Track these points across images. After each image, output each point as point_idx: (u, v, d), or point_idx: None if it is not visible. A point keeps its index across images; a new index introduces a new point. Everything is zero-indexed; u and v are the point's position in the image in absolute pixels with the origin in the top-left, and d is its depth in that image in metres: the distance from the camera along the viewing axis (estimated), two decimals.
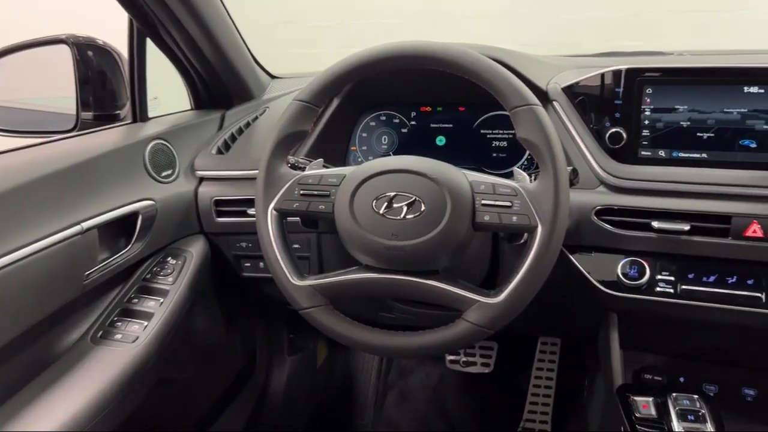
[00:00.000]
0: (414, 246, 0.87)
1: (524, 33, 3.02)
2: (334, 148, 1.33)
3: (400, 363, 1.96)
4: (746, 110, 1.01)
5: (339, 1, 3.42)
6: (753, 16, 2.85)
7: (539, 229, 0.85)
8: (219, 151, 1.30)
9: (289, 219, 0.98)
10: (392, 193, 0.89)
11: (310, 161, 1.04)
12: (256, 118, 1.38)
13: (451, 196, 0.87)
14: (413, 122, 1.33)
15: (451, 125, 1.31)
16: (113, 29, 1.29)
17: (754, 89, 1.00)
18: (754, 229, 0.99)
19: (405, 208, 0.88)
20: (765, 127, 1.00)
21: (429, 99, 1.32)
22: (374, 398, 1.91)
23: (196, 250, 1.25)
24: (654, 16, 2.96)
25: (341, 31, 3.37)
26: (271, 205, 0.95)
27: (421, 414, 1.88)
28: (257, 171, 0.97)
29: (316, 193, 0.94)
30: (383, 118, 1.35)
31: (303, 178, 0.95)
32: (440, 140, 1.31)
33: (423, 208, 0.87)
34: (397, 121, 1.34)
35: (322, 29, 3.43)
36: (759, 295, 1.01)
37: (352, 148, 1.36)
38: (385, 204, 0.89)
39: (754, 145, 1.01)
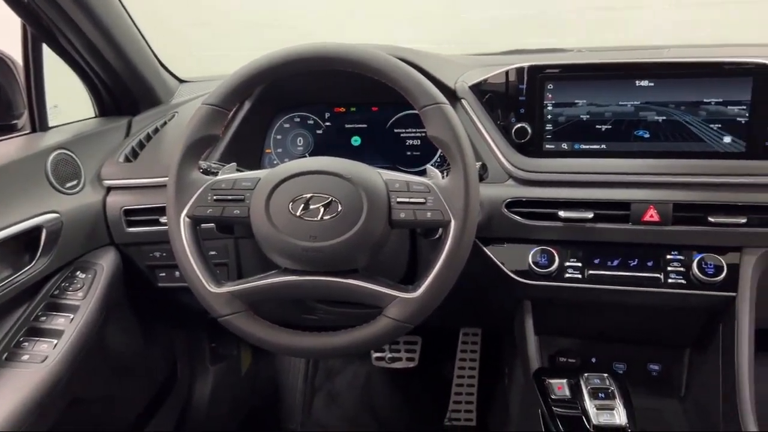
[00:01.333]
0: (332, 246, 0.88)
1: (433, 33, 3.08)
2: (248, 152, 1.31)
3: (327, 364, 1.96)
4: (639, 103, 1.07)
5: (252, 2, 3.36)
6: (643, 15, 3.02)
7: (452, 223, 0.87)
8: (127, 159, 1.26)
9: (204, 225, 0.96)
10: (308, 195, 0.89)
11: (223, 166, 1.02)
12: (165, 123, 1.34)
13: (366, 195, 0.88)
14: (328, 123, 1.33)
15: (365, 125, 1.32)
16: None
17: (644, 83, 1.07)
18: (651, 214, 1.06)
19: (322, 209, 0.88)
20: (656, 118, 1.07)
21: (343, 99, 1.32)
22: (302, 402, 1.90)
23: (106, 262, 1.20)
24: (558, 13, 3.08)
25: (255, 33, 3.32)
26: (184, 212, 0.93)
27: (350, 413, 1.88)
28: (167, 178, 0.94)
29: (230, 197, 0.92)
30: (297, 119, 1.34)
31: (216, 183, 0.93)
32: (355, 140, 1.32)
33: (340, 208, 0.88)
34: (311, 122, 1.34)
35: (236, 31, 3.37)
36: (658, 275, 1.08)
37: (267, 150, 1.35)
38: (302, 206, 0.89)
39: (647, 136, 1.08)
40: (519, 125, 1.11)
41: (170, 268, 1.26)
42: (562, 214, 1.08)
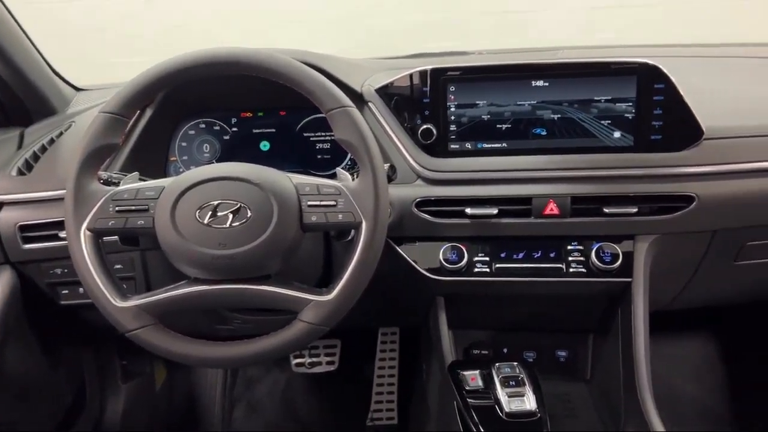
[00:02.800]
0: (243, 253, 0.87)
1: (340, 37, 3.10)
2: (152, 160, 1.27)
3: (246, 374, 1.93)
4: (535, 102, 1.12)
5: (160, 5, 3.26)
6: (542, 18, 3.17)
7: (363, 224, 0.89)
8: (20, 172, 1.19)
9: (107, 238, 0.92)
10: (216, 202, 0.88)
11: (125, 175, 0.99)
12: (61, 134, 1.28)
13: (276, 199, 0.88)
14: (235, 129, 1.31)
15: (273, 130, 1.31)
16: None
17: (540, 83, 1.12)
18: (551, 208, 1.11)
19: (230, 216, 0.87)
20: (552, 116, 1.12)
21: (249, 104, 1.31)
22: (222, 414, 1.86)
23: (1, 282, 1.13)
24: (461, 18, 3.18)
25: (162, 37, 3.22)
26: (84, 225, 0.89)
27: (271, 422, 1.86)
28: (65, 190, 0.90)
29: (133, 208, 0.90)
30: (203, 126, 1.31)
31: (117, 193, 0.90)
32: (264, 145, 1.31)
33: (249, 214, 0.87)
34: (217, 128, 1.31)
35: (139, 36, 3.25)
36: (560, 265, 1.14)
37: (172, 158, 1.31)
38: (210, 213, 0.87)
39: (544, 133, 1.13)
40: (424, 126, 1.14)
41: (73, 284, 1.20)
42: (468, 211, 1.12)
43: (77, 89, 1.49)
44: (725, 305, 1.53)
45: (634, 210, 1.10)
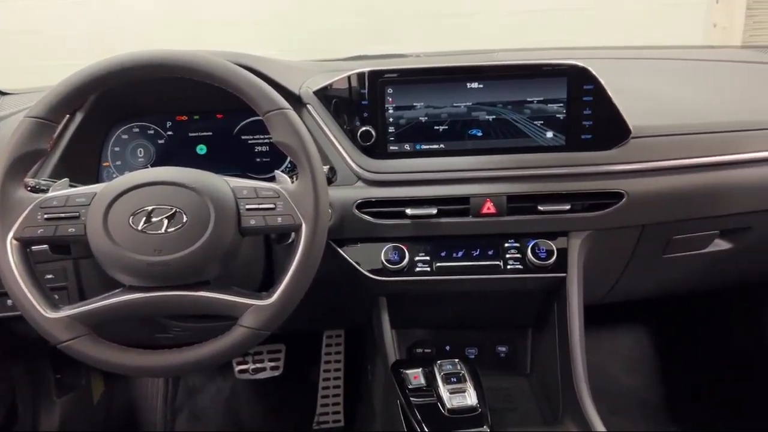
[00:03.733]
0: (180, 259, 0.85)
1: (278, 40, 3.08)
2: (84, 166, 1.23)
3: (188, 383, 1.89)
4: (471, 103, 1.15)
5: (91, 6, 3.15)
6: (479, 21, 3.23)
7: (303, 227, 0.89)
8: None
9: (36, 247, 0.89)
10: (150, 207, 0.86)
11: (54, 182, 0.95)
12: None
13: (213, 203, 0.87)
14: (170, 132, 1.29)
15: (210, 133, 1.29)
16: None
17: (475, 85, 1.14)
18: (488, 207, 1.14)
19: (166, 221, 0.86)
20: (486, 117, 1.15)
21: (185, 108, 1.29)
22: (163, 424, 1.82)
23: None
24: (401, 22, 3.21)
25: (96, 39, 3.11)
26: (10, 235, 0.85)
27: (215, 431, 1.83)
28: None
29: (63, 215, 0.87)
30: (136, 130, 1.28)
31: (46, 200, 0.87)
32: (201, 149, 1.29)
33: (185, 219, 0.86)
34: (152, 132, 1.28)
35: (67, 38, 3.13)
36: (498, 263, 1.16)
37: (105, 164, 1.27)
38: (144, 219, 0.86)
39: (480, 134, 1.16)
40: (364, 128, 1.14)
41: (0, 296, 1.15)
42: (409, 211, 1.13)
43: (2, 93, 1.43)
44: (657, 298, 1.60)
45: (567, 207, 1.13)
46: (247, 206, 0.89)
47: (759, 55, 1.56)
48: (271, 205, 0.89)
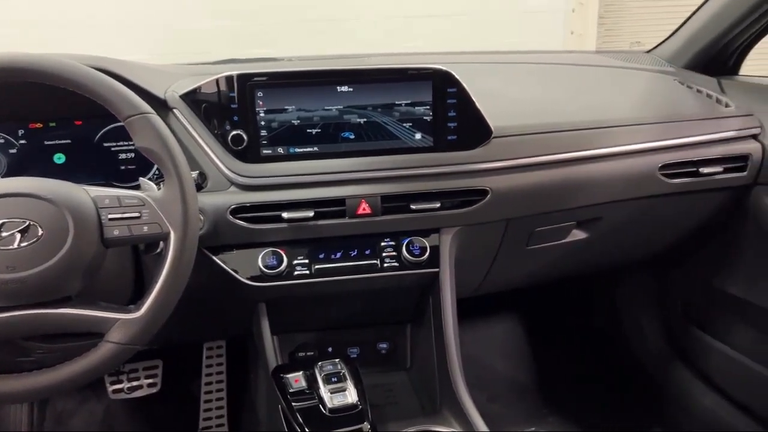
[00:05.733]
0: (36, 275, 0.80)
1: (147, 44, 2.96)
2: None
3: (56, 407, 1.76)
4: (342, 107, 1.16)
5: None
6: (361, 24, 3.28)
7: (172, 235, 0.86)
8: None
9: None
10: (0, 221, 0.80)
11: None
12: None
13: (72, 215, 0.83)
14: (23, 141, 1.20)
15: (69, 141, 1.21)
16: None
17: (345, 88, 1.16)
18: (364, 207, 1.16)
19: (18, 236, 0.80)
20: (358, 120, 1.17)
21: (39, 115, 1.20)
22: None
23: None
24: (279, 25, 3.18)
25: None
26: None
27: None
28: None
29: None
30: None
31: None
32: (59, 158, 1.21)
33: (40, 232, 0.81)
34: (2, 141, 1.19)
35: None
36: (375, 261, 1.19)
37: None
38: None
39: (352, 137, 1.18)
40: (234, 132, 1.13)
41: None
42: (285, 215, 1.13)
43: None
44: (526, 287, 1.70)
45: (438, 205, 1.18)
46: (110, 216, 0.85)
47: (610, 60, 1.70)
48: (136, 214, 0.86)
